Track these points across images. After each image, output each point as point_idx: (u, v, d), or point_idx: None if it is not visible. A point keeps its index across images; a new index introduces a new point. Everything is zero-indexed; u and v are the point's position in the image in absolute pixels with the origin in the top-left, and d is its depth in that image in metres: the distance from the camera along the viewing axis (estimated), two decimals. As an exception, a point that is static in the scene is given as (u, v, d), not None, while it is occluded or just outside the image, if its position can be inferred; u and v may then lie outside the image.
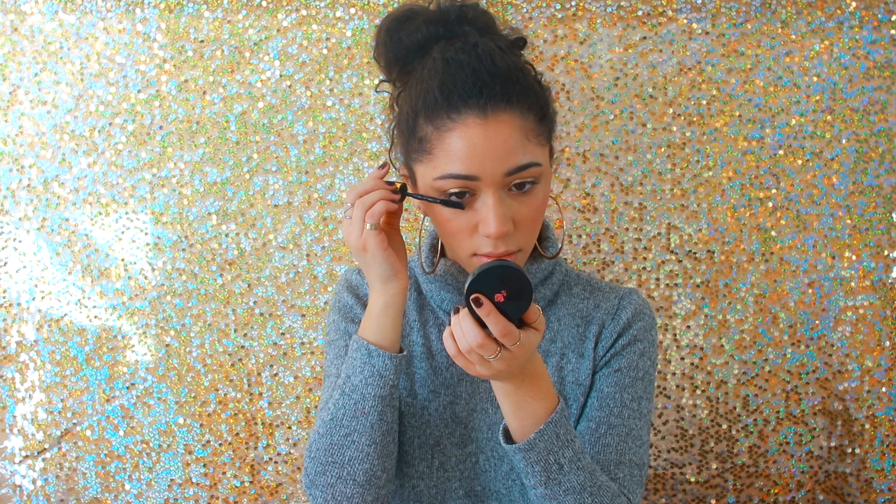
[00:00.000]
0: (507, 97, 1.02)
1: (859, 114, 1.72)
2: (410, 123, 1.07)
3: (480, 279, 0.92)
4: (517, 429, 1.03)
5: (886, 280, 1.74)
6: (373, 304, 1.09)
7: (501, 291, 0.92)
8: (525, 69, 1.08)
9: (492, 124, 1.02)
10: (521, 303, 0.93)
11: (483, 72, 1.03)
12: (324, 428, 1.08)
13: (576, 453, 1.03)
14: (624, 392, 1.15)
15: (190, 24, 1.70)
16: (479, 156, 1.01)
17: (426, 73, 1.06)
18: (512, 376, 0.99)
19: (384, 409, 1.07)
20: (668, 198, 1.73)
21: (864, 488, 1.76)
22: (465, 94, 1.02)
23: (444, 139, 1.03)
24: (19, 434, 1.74)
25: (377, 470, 1.07)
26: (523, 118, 1.03)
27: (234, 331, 1.73)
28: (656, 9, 1.71)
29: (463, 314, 0.94)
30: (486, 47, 1.05)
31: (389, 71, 1.15)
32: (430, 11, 1.12)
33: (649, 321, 1.19)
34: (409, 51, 1.11)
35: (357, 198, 1.06)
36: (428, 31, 1.10)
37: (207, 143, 1.71)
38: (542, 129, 1.07)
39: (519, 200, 1.05)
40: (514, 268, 0.92)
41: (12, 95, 1.70)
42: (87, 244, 1.72)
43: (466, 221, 1.05)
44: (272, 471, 1.75)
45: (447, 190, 1.04)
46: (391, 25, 1.13)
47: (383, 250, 1.06)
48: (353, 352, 1.09)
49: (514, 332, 0.93)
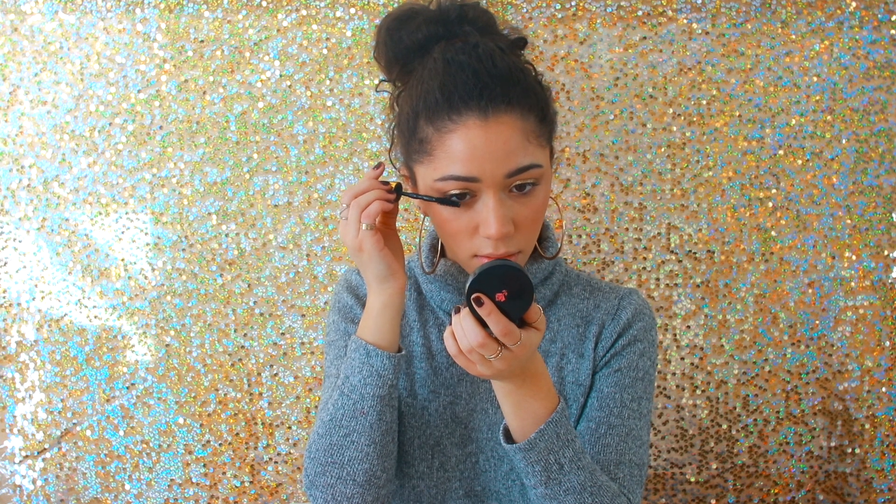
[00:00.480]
0: (507, 98, 1.02)
1: (859, 114, 1.72)
2: (411, 124, 1.07)
3: (481, 279, 0.92)
4: (517, 429, 1.03)
5: (886, 280, 1.74)
6: (371, 304, 1.09)
7: (502, 291, 0.92)
8: (525, 70, 1.08)
9: (492, 126, 1.01)
10: (522, 302, 0.93)
11: (484, 73, 1.03)
12: (323, 428, 1.08)
13: (576, 453, 1.03)
14: (624, 392, 1.15)
15: (190, 24, 1.70)
16: (480, 157, 1.01)
17: (426, 74, 1.06)
18: (513, 376, 0.99)
19: (383, 408, 1.07)
20: (668, 198, 1.73)
21: (864, 488, 1.76)
22: (466, 96, 1.02)
23: (444, 140, 1.03)
24: (19, 434, 1.74)
25: (377, 470, 1.07)
26: (524, 119, 1.03)
27: (234, 331, 1.73)
28: (656, 9, 1.71)
29: (464, 313, 0.94)
30: (486, 48, 1.05)
31: (390, 70, 1.14)
32: (430, 11, 1.12)
33: (649, 321, 1.19)
34: (410, 50, 1.11)
35: (352, 198, 1.06)
36: (428, 31, 1.10)
37: (207, 143, 1.71)
38: (543, 131, 1.06)
39: (519, 202, 1.05)
40: (515, 267, 0.92)
41: (12, 95, 1.70)
42: (87, 244, 1.72)
43: (467, 222, 1.05)
44: (272, 471, 1.75)
45: (448, 191, 1.04)
46: (391, 24, 1.12)
47: (379, 250, 1.06)
48: (352, 352, 1.09)
49: (515, 332, 0.93)
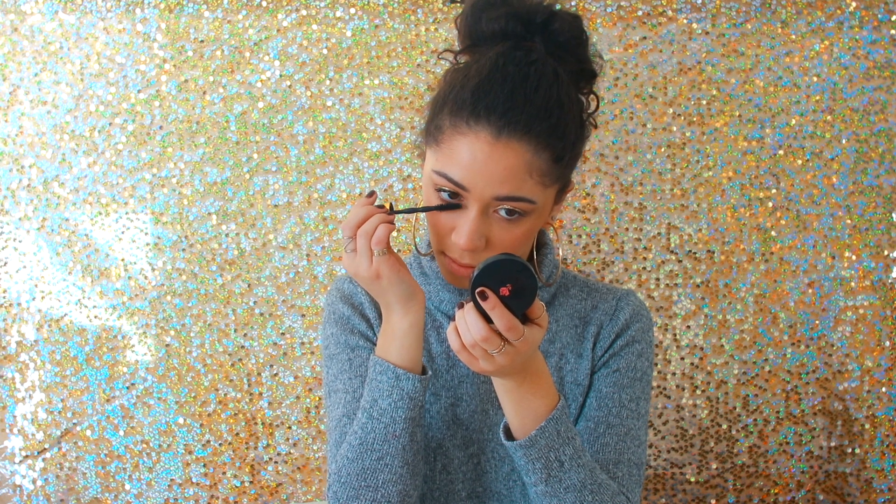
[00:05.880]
0: (527, 129, 1.00)
1: (859, 114, 1.72)
2: (438, 106, 1.06)
3: (487, 272, 0.92)
4: (518, 426, 1.03)
5: (886, 280, 1.74)
6: (395, 325, 1.07)
7: (507, 286, 0.92)
8: (566, 108, 1.04)
9: (501, 147, 1.00)
10: (526, 298, 0.93)
11: (519, 95, 1.01)
12: (353, 452, 1.06)
13: (576, 451, 1.03)
14: (622, 392, 1.15)
15: (190, 24, 1.70)
16: (477, 171, 1.01)
17: (475, 68, 1.05)
18: (514, 372, 0.99)
19: (414, 430, 1.06)
20: (668, 198, 1.73)
21: (864, 488, 1.76)
22: (491, 108, 1.01)
23: (453, 140, 1.03)
24: (19, 434, 1.74)
25: (409, 489, 1.07)
26: (535, 154, 1.01)
27: (234, 331, 1.73)
28: (656, 9, 1.71)
29: (468, 308, 0.94)
30: (541, 70, 1.03)
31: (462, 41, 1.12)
32: (521, 4, 1.09)
33: (647, 322, 1.19)
34: (483, 35, 1.09)
35: (355, 229, 1.04)
36: (507, 25, 1.07)
37: (207, 143, 1.71)
38: (552, 172, 1.04)
39: (501, 225, 1.04)
40: (519, 262, 0.92)
41: (12, 95, 1.70)
42: (87, 244, 1.72)
43: (448, 221, 1.05)
44: (272, 471, 1.75)
45: (439, 186, 1.04)
46: (480, 3, 1.09)
47: (398, 272, 1.04)
48: (378, 374, 1.07)
49: (518, 327, 0.93)
